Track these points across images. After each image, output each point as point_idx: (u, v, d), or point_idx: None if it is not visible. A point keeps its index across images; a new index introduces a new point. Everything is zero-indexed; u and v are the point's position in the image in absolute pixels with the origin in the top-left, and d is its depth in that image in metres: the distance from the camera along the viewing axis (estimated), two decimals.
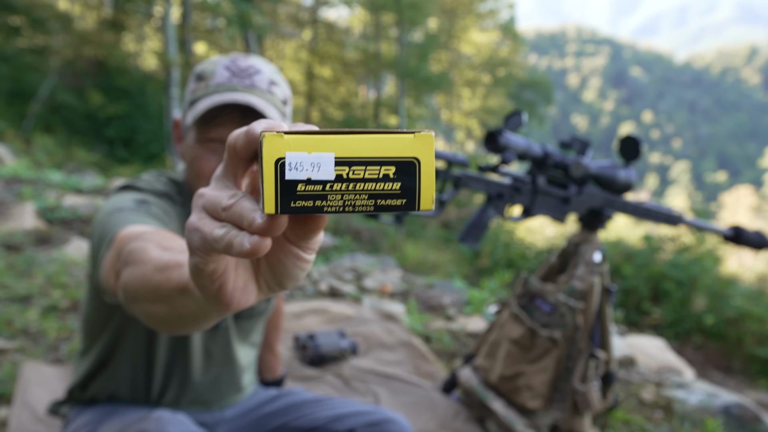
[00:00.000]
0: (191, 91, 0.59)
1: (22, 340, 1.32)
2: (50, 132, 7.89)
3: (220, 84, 0.57)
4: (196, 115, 0.56)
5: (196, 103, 0.58)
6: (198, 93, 0.58)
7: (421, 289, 1.98)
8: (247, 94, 0.57)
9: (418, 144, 0.26)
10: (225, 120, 0.57)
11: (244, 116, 0.57)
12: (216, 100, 0.56)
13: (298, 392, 0.78)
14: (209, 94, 0.57)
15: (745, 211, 36.59)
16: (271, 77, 0.60)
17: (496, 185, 0.89)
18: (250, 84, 0.58)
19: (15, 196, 2.61)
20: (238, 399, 0.77)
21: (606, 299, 1.07)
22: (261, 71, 0.59)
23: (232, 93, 0.56)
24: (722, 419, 1.24)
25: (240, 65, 0.59)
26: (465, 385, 1.13)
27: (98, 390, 0.69)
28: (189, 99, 0.59)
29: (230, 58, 0.60)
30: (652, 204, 1.07)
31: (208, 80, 0.58)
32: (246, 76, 0.58)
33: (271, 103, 0.59)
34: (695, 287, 4.04)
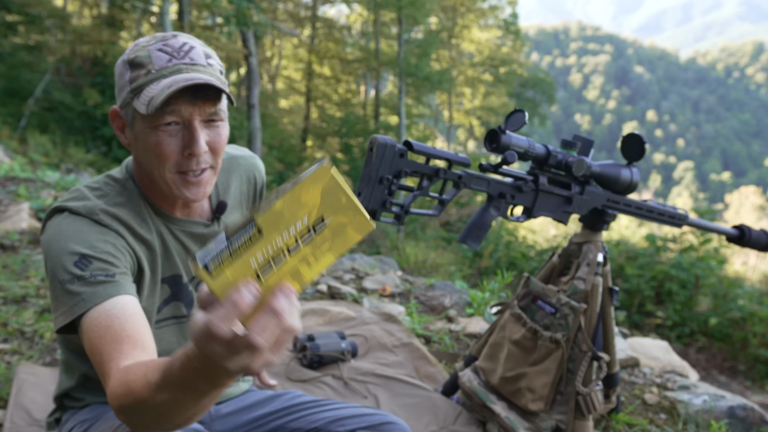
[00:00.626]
0: (130, 79, 0.58)
1: (17, 341, 1.32)
2: (46, 131, 7.91)
3: (163, 68, 0.57)
4: (154, 103, 0.55)
5: (142, 90, 0.57)
6: (140, 80, 0.57)
7: (421, 289, 1.97)
8: (193, 72, 0.58)
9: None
10: (178, 101, 0.57)
11: (194, 94, 0.57)
12: (168, 84, 0.56)
13: (297, 394, 0.77)
14: (155, 79, 0.57)
15: (749, 211, 36.34)
16: (205, 50, 0.61)
17: (497, 185, 0.87)
18: (190, 61, 0.58)
19: (10, 195, 2.62)
20: (231, 394, 0.77)
21: (609, 300, 1.05)
22: (194, 47, 0.60)
23: (178, 75, 0.57)
24: (727, 422, 1.22)
25: (173, 45, 0.58)
26: (466, 387, 1.12)
27: (88, 397, 0.69)
28: (130, 87, 0.58)
29: (157, 39, 0.59)
30: (655, 204, 1.06)
31: (147, 66, 0.57)
32: (183, 54, 0.58)
33: (213, 76, 0.59)
34: (699, 288, 4.01)
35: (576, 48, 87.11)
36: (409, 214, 0.77)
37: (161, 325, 0.67)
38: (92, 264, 0.56)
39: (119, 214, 0.61)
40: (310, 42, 13.57)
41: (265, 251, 0.32)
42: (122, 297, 0.56)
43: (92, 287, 0.55)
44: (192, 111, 0.58)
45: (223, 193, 0.72)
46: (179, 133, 0.59)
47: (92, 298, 0.55)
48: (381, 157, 0.71)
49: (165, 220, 0.66)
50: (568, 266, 1.08)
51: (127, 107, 0.59)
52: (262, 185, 0.78)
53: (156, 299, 0.65)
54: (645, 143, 0.95)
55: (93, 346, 0.52)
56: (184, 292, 0.68)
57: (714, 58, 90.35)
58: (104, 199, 0.62)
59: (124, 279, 0.58)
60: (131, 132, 0.61)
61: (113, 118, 0.62)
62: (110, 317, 0.53)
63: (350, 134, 12.54)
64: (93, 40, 8.41)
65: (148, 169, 0.61)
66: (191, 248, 0.68)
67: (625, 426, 1.21)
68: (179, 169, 0.60)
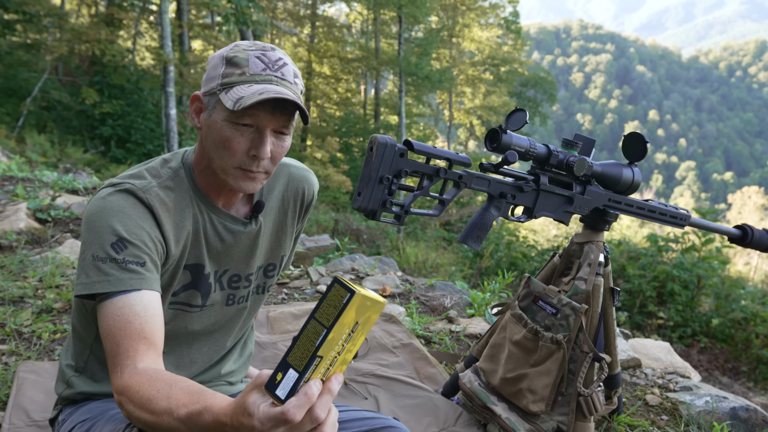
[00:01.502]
0: (223, 74, 0.64)
1: (15, 342, 1.31)
2: (44, 130, 7.93)
3: (256, 74, 0.63)
4: (243, 103, 0.60)
5: (233, 87, 0.63)
6: (233, 78, 0.63)
7: (421, 290, 1.96)
8: (281, 86, 0.64)
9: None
10: (260, 108, 0.62)
11: (275, 106, 0.63)
12: (259, 90, 0.62)
13: None
14: (247, 81, 0.63)
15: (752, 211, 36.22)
16: (294, 70, 0.67)
17: (498, 185, 0.87)
18: (281, 76, 0.65)
19: (8, 195, 2.61)
20: (229, 393, 0.78)
21: (610, 301, 1.05)
22: (287, 64, 0.66)
23: (268, 84, 0.63)
24: (730, 423, 1.21)
25: (270, 57, 0.65)
26: (467, 388, 1.11)
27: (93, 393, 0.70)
28: (221, 81, 0.63)
29: (258, 47, 0.65)
30: (657, 203, 1.05)
31: (243, 68, 0.63)
32: (277, 68, 0.65)
33: (296, 94, 0.66)
34: (701, 288, 3.99)
35: (577, 47, 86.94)
36: (410, 214, 0.76)
37: (173, 307, 0.70)
38: (127, 249, 0.60)
39: (165, 198, 0.66)
40: (310, 41, 13.56)
41: (323, 368, 0.44)
42: (146, 293, 0.60)
43: (122, 272, 0.60)
44: (269, 120, 0.63)
45: (267, 194, 0.76)
46: (251, 135, 0.64)
47: (118, 284, 0.59)
48: (381, 156, 0.70)
49: (209, 208, 0.70)
50: (570, 266, 1.07)
51: (211, 96, 0.64)
52: (312, 200, 0.82)
53: (176, 282, 0.68)
54: (647, 143, 0.94)
55: (111, 335, 0.58)
56: (203, 282, 0.71)
57: (716, 57, 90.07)
58: (157, 179, 0.67)
59: (152, 271, 0.62)
60: (207, 118, 0.65)
61: (193, 101, 0.67)
62: (133, 313, 0.58)
63: (350, 134, 12.54)
64: (91, 39, 8.42)
65: (212, 156, 0.66)
66: (226, 240, 0.71)
67: (627, 427, 1.20)
68: (241, 165, 0.64)
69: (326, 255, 2.42)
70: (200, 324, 0.73)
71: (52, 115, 8.72)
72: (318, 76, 14.00)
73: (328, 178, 9.58)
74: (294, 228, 0.80)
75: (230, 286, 0.74)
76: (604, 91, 78.66)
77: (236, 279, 0.74)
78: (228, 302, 0.74)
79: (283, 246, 0.79)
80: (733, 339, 3.60)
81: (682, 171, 61.41)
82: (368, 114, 14.08)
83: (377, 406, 1.15)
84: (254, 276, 0.76)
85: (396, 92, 12.96)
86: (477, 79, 15.55)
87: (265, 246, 0.76)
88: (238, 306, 0.76)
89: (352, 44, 13.51)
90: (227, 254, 0.72)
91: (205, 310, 0.73)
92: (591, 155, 0.95)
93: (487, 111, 15.59)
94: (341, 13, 17.01)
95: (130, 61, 10.45)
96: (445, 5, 14.41)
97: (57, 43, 9.26)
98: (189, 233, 0.67)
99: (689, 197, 51.64)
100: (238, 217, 0.72)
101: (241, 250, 0.73)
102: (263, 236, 0.75)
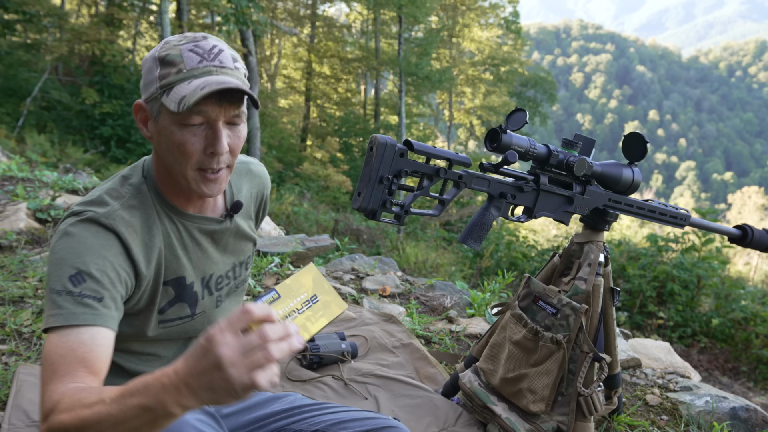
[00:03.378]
0: (160, 76, 0.60)
1: (15, 342, 1.31)
2: (44, 130, 7.92)
3: (194, 68, 0.59)
4: (186, 103, 0.58)
5: (173, 87, 0.59)
6: (171, 78, 0.60)
7: (421, 290, 1.96)
8: (222, 75, 0.60)
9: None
10: (206, 103, 0.59)
11: (222, 96, 0.60)
12: (200, 85, 0.58)
13: (297, 396, 0.78)
14: (186, 78, 0.59)
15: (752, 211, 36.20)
16: (232, 54, 0.63)
17: (498, 185, 0.87)
18: (220, 64, 0.61)
19: (8, 195, 2.61)
20: None
21: (610, 301, 1.05)
22: (223, 50, 0.62)
23: (208, 77, 0.59)
24: (729, 423, 1.21)
25: (204, 46, 0.61)
26: (467, 388, 1.11)
27: None
28: (160, 83, 0.60)
29: (188, 39, 0.61)
30: (657, 203, 1.05)
31: (178, 65, 0.60)
32: (213, 57, 0.60)
33: (239, 79, 0.62)
34: (701, 288, 3.99)
35: (577, 47, 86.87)
36: (410, 214, 0.76)
37: (167, 326, 0.69)
38: (86, 282, 0.58)
39: (130, 219, 0.63)
40: (310, 41, 13.55)
41: (284, 308, 0.55)
42: (98, 329, 0.58)
43: (76, 306, 0.57)
44: (218, 112, 0.60)
45: (237, 193, 0.75)
46: (203, 133, 0.61)
47: (70, 318, 0.57)
48: (381, 156, 0.70)
49: (179, 216, 0.68)
50: (570, 266, 1.07)
51: (153, 102, 0.61)
52: (268, 197, 0.82)
53: (158, 300, 0.67)
54: (647, 143, 0.94)
55: (49, 360, 0.55)
56: (189, 293, 0.69)
57: (716, 57, 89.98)
58: (119, 201, 0.64)
59: (109, 308, 0.59)
60: (155, 126, 0.63)
61: (137, 110, 0.64)
62: (79, 341, 0.56)
63: (350, 134, 12.54)
64: (91, 39, 8.42)
65: (169, 163, 0.63)
66: (203, 244, 0.70)
67: (627, 427, 1.20)
68: (200, 166, 0.62)
69: (326, 255, 2.42)
70: (199, 331, 0.72)
71: (52, 115, 8.71)
72: (318, 76, 13.98)
73: (328, 178, 9.58)
74: (255, 219, 0.80)
75: (217, 288, 0.73)
76: (604, 91, 78.60)
77: (220, 280, 0.73)
78: (217, 305, 0.74)
79: (251, 239, 0.78)
80: (733, 339, 3.60)
81: (682, 171, 61.36)
82: (368, 114, 14.07)
83: (377, 406, 1.15)
84: (232, 273, 0.76)
85: (396, 92, 12.95)
86: (477, 79, 15.54)
87: (239, 243, 0.75)
88: (228, 300, 0.77)
89: (352, 44, 13.50)
90: (208, 257, 0.70)
91: (198, 318, 0.72)
92: (591, 155, 0.95)
93: (487, 111, 15.58)
94: (341, 13, 17.00)
95: (130, 61, 10.44)
96: (445, 5, 14.40)
97: (57, 43, 9.25)
98: (161, 250, 0.65)
99: (689, 197, 51.60)
100: (213, 216, 0.70)
101: (220, 250, 0.72)
102: (235, 235, 0.74)
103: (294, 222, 5.66)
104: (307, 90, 13.96)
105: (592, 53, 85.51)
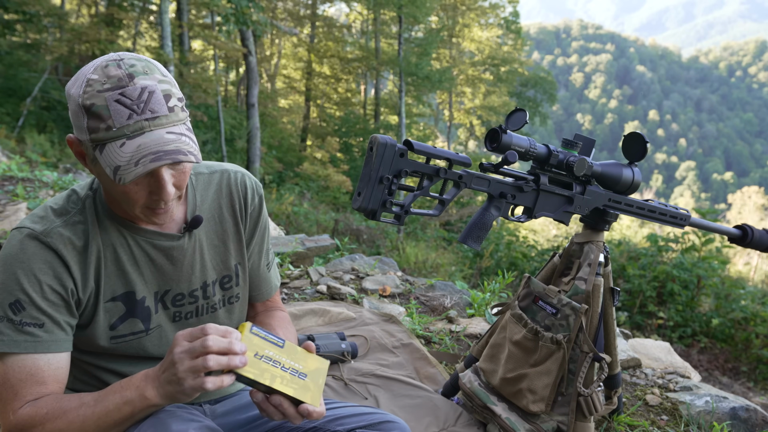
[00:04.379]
0: (89, 128, 0.56)
1: None
2: (44, 130, 7.91)
3: (124, 126, 0.55)
4: (122, 178, 0.55)
5: (105, 146, 0.56)
6: (101, 134, 0.56)
7: (421, 290, 1.96)
8: (156, 128, 0.56)
9: None
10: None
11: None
12: (133, 156, 0.55)
13: None
14: (117, 137, 0.55)
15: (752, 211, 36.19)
16: (163, 88, 0.58)
17: (498, 185, 0.87)
18: (151, 115, 0.56)
19: (8, 195, 2.61)
20: (226, 391, 0.77)
21: (610, 301, 1.05)
22: (153, 91, 0.56)
23: (141, 136, 0.55)
24: (729, 423, 1.21)
25: (131, 94, 0.55)
26: (467, 388, 1.11)
27: None
28: (90, 137, 0.56)
29: (113, 83, 0.55)
30: (657, 203, 1.05)
31: (106, 120, 0.55)
32: (143, 106, 0.56)
33: (175, 123, 0.58)
34: (701, 288, 3.99)
35: (577, 47, 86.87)
36: (410, 214, 0.76)
37: (119, 341, 0.67)
38: (25, 311, 0.59)
39: (72, 237, 0.62)
40: (310, 41, 13.55)
41: (275, 354, 0.60)
42: (52, 355, 0.61)
43: (18, 334, 0.59)
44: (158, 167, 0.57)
45: (200, 206, 0.71)
46: (146, 181, 0.59)
47: (12, 346, 0.59)
48: (381, 156, 0.70)
49: (130, 231, 0.66)
50: (570, 266, 1.07)
51: (87, 147, 0.58)
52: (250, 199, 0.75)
53: (108, 317, 0.66)
54: (647, 143, 0.94)
55: (7, 383, 0.59)
56: (140, 308, 0.67)
57: (716, 57, 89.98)
58: (63, 218, 0.63)
59: (51, 332, 0.61)
60: (94, 167, 0.60)
61: (71, 144, 0.60)
62: (36, 367, 0.60)
63: (350, 134, 12.54)
64: (91, 39, 8.42)
65: (113, 198, 0.63)
66: (158, 261, 0.67)
67: (627, 427, 1.20)
68: (148, 206, 0.61)
69: (326, 255, 2.42)
70: (156, 347, 0.69)
71: (52, 115, 8.71)
72: (318, 76, 13.99)
73: (328, 178, 9.58)
74: (242, 233, 0.74)
75: (174, 304, 0.70)
76: (604, 91, 78.60)
77: (180, 297, 0.70)
78: (175, 319, 0.71)
79: (232, 255, 0.73)
80: (733, 339, 3.60)
81: (682, 171, 61.36)
82: (368, 114, 14.07)
83: (377, 406, 1.15)
84: (201, 292, 0.71)
85: (396, 92, 12.95)
86: (477, 79, 15.55)
87: (208, 259, 0.71)
88: (187, 321, 0.71)
89: (352, 44, 13.50)
90: (163, 273, 0.67)
91: (153, 333, 0.69)
92: (591, 155, 0.95)
93: (487, 111, 15.59)
94: (341, 13, 17.00)
95: None
96: (445, 5, 14.40)
97: (57, 43, 9.25)
98: (103, 266, 0.64)
99: (689, 197, 51.60)
100: (168, 232, 0.67)
101: (179, 267, 0.68)
102: (201, 250, 0.70)
103: (294, 222, 5.66)
104: (307, 90, 13.96)
105: (592, 53, 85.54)
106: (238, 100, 12.70)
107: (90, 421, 0.56)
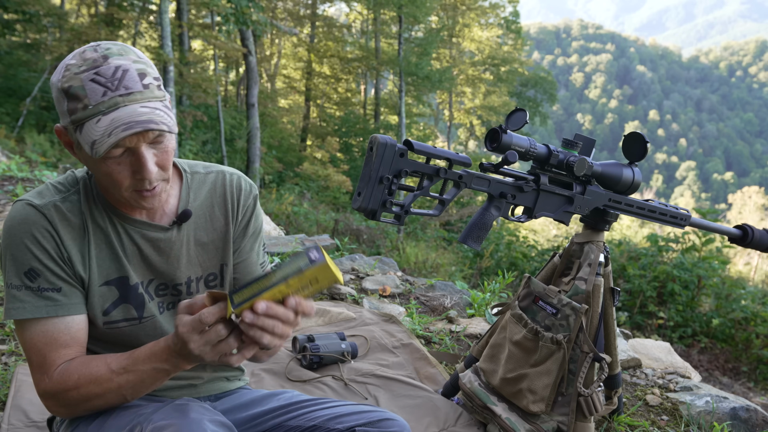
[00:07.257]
0: (68, 110, 0.58)
1: (14, 342, 1.31)
2: (43, 130, 7.92)
3: (99, 102, 0.57)
4: (98, 150, 0.57)
5: (83, 125, 0.58)
6: (79, 114, 0.58)
7: (421, 290, 1.96)
8: (130, 104, 0.58)
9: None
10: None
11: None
12: (107, 128, 0.56)
13: (294, 393, 0.77)
14: (93, 115, 0.57)
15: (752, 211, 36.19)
16: (138, 68, 0.59)
17: (498, 184, 0.87)
18: (125, 91, 0.58)
19: (8, 195, 2.61)
20: (225, 389, 0.77)
21: (610, 301, 1.05)
22: (128, 69, 0.58)
23: (115, 111, 0.57)
24: (730, 423, 1.21)
25: (105, 73, 0.57)
26: (467, 388, 1.11)
27: None
28: (70, 119, 0.58)
29: (88, 64, 0.57)
30: (657, 203, 1.04)
31: (83, 99, 0.57)
32: (117, 83, 0.57)
33: (150, 99, 0.59)
34: (702, 289, 3.99)
35: (577, 47, 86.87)
36: (410, 214, 0.76)
37: (112, 327, 0.67)
38: (41, 277, 0.62)
39: (67, 214, 0.64)
40: (310, 41, 13.55)
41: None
42: (71, 317, 0.63)
43: (39, 300, 0.62)
44: (137, 140, 0.59)
45: (192, 203, 0.72)
46: (127, 160, 0.60)
47: (35, 311, 0.62)
48: (381, 156, 0.70)
49: (122, 220, 0.67)
50: (570, 266, 1.07)
51: (70, 133, 0.60)
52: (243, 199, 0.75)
53: (101, 302, 0.66)
54: (647, 143, 0.94)
55: (35, 348, 0.62)
56: (133, 294, 0.68)
57: (716, 57, 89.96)
58: (61, 195, 0.65)
59: (68, 296, 0.64)
60: (79, 152, 0.62)
61: (59, 134, 0.63)
62: (58, 331, 0.63)
63: (350, 133, 12.54)
64: (91, 39, 8.42)
65: (103, 185, 0.64)
66: (145, 251, 0.68)
67: (627, 427, 1.20)
68: (134, 188, 0.62)
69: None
70: (151, 339, 0.67)
71: (52, 115, 8.71)
72: (318, 76, 13.99)
73: (328, 178, 9.58)
74: (231, 234, 0.73)
75: (158, 294, 0.70)
76: (604, 91, 78.57)
77: (163, 287, 0.70)
78: (160, 311, 0.71)
79: (219, 254, 0.73)
80: (734, 339, 3.60)
81: (682, 171, 61.34)
82: (368, 114, 14.07)
83: (377, 406, 1.14)
84: (185, 287, 0.71)
85: (396, 92, 12.95)
86: (477, 79, 15.55)
87: (195, 255, 0.71)
88: (168, 311, 0.72)
89: (352, 44, 13.50)
90: (149, 263, 0.68)
91: (146, 322, 0.69)
92: (591, 155, 0.95)
93: (487, 111, 15.59)
94: (341, 13, 17.00)
95: None
96: (445, 5, 14.40)
97: (57, 43, 9.26)
98: (97, 247, 0.65)
99: (689, 197, 51.60)
100: (158, 224, 0.68)
101: (164, 259, 0.69)
102: (188, 245, 0.70)
103: (294, 222, 5.66)
104: (307, 90, 13.96)
105: (592, 53, 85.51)
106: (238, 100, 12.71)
107: (126, 387, 0.61)
